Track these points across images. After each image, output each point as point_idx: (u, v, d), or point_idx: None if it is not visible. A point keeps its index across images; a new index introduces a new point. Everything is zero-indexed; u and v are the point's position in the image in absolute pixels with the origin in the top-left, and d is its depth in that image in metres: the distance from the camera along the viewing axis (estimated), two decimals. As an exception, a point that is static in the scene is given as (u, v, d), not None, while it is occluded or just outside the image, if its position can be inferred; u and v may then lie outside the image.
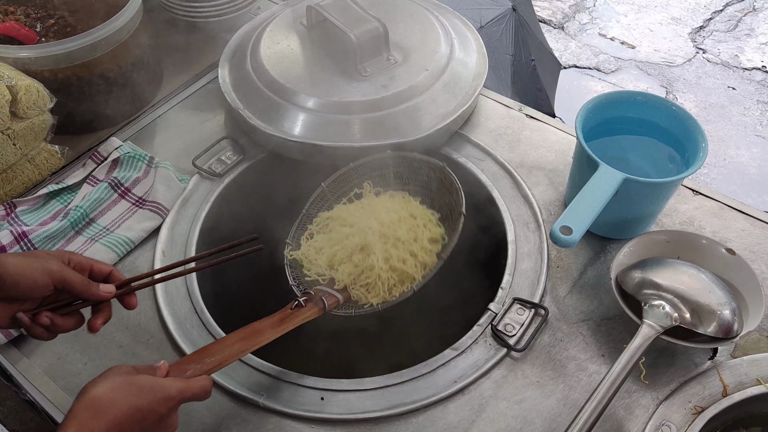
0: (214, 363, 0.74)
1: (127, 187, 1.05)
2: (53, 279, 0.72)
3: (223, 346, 0.77)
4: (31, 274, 0.71)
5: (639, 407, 0.82)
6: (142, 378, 0.67)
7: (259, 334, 0.80)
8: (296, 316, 0.85)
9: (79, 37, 1.07)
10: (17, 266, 0.70)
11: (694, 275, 0.86)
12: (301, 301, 0.87)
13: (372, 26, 1.10)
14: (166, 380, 0.68)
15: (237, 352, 0.77)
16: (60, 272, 0.72)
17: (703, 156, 0.90)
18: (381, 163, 1.05)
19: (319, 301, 0.89)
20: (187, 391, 0.69)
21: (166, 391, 0.66)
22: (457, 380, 0.85)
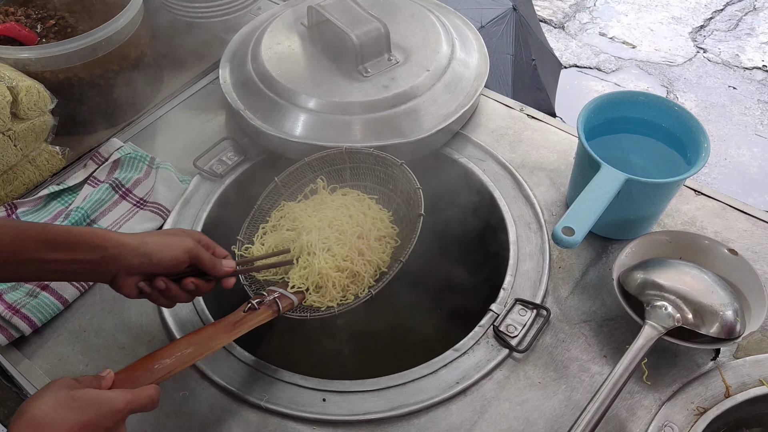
0: (163, 371, 0.72)
1: (128, 188, 1.05)
2: (190, 255, 0.79)
3: (173, 352, 0.74)
4: (174, 252, 0.78)
5: (641, 408, 0.82)
6: (85, 392, 0.63)
7: (211, 339, 0.78)
8: (249, 320, 0.82)
9: (80, 38, 1.07)
10: (162, 245, 0.78)
11: (697, 276, 0.86)
12: (254, 303, 0.84)
13: (373, 26, 1.10)
14: (111, 392, 0.65)
15: (188, 359, 0.75)
16: (195, 250, 0.80)
17: (705, 156, 0.90)
18: (337, 159, 1.02)
19: (272, 303, 0.85)
20: (134, 402, 0.66)
21: (112, 404, 0.64)
22: (459, 381, 0.85)
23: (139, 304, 0.94)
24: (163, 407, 0.83)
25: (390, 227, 0.96)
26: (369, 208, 0.98)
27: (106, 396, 0.64)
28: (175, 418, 0.83)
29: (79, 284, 0.94)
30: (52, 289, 0.93)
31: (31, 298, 0.92)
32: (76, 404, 0.62)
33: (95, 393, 0.64)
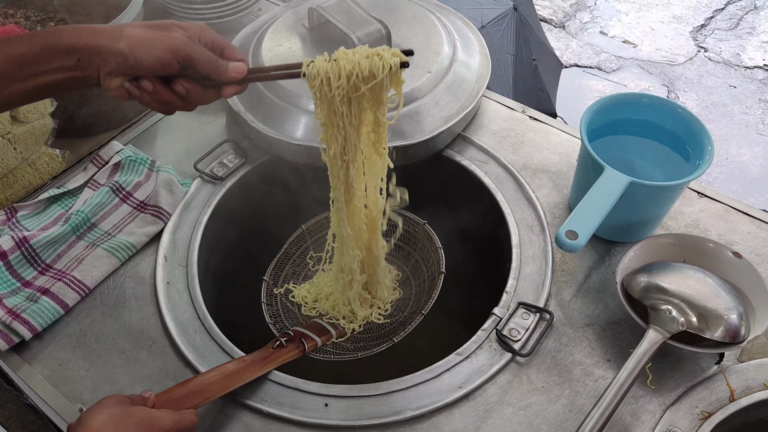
0: (199, 398, 0.77)
1: (129, 191, 1.05)
2: (176, 56, 0.68)
3: (209, 384, 0.79)
4: (154, 50, 0.67)
5: (646, 413, 0.81)
6: (139, 410, 0.68)
7: (244, 372, 0.82)
8: (278, 356, 0.87)
9: (80, 41, 1.06)
10: (138, 42, 0.66)
11: (701, 279, 0.85)
12: (283, 341, 0.89)
13: (374, 28, 1.10)
14: (162, 412, 0.69)
15: (221, 390, 0.80)
16: (185, 49, 0.68)
17: (709, 159, 0.89)
18: None
19: (299, 342, 0.90)
20: (180, 423, 0.70)
21: (163, 424, 0.68)
22: (461, 385, 0.84)
23: (140, 309, 0.94)
24: (164, 412, 0.83)
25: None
26: None
27: (157, 415, 0.68)
28: (177, 424, 0.82)
29: (79, 288, 0.94)
30: (53, 293, 0.92)
31: (31, 303, 0.91)
32: (132, 421, 0.66)
33: (148, 411, 0.68)
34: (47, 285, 0.94)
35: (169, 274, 0.97)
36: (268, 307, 0.99)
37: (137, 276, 0.98)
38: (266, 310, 0.98)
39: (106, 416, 0.66)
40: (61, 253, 0.98)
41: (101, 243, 0.99)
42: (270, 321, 0.97)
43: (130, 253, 0.99)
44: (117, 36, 0.66)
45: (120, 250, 0.98)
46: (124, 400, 0.69)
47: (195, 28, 0.71)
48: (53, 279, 0.95)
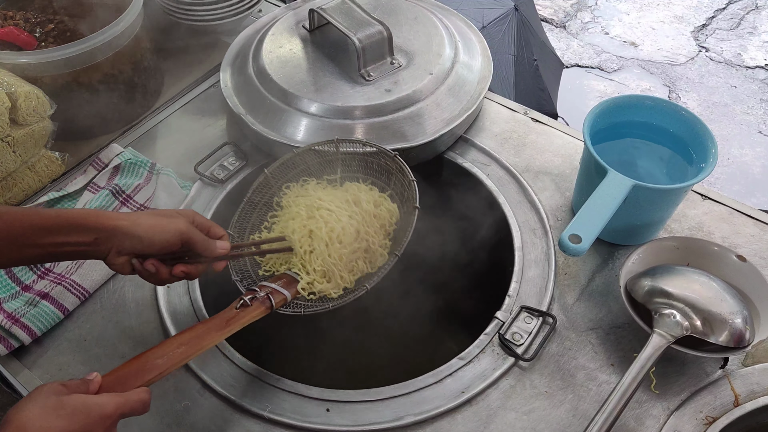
0: (154, 372, 0.70)
1: (129, 194, 1.04)
2: (182, 238, 0.78)
3: (164, 353, 0.72)
4: (165, 235, 0.77)
5: (650, 417, 0.81)
6: (74, 398, 0.62)
7: (203, 338, 0.76)
8: (242, 317, 0.79)
9: (79, 42, 1.06)
10: (153, 227, 0.77)
11: (705, 283, 0.84)
12: (247, 299, 0.81)
13: (375, 30, 1.09)
14: (101, 397, 0.63)
15: (179, 359, 0.72)
16: (187, 233, 0.78)
17: (713, 162, 0.89)
18: (328, 150, 0.99)
19: (265, 299, 0.82)
20: (125, 406, 0.64)
21: (102, 410, 0.62)
22: (464, 390, 0.84)
23: (140, 313, 0.93)
24: (163, 418, 0.82)
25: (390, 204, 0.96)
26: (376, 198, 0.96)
27: (94, 401, 0.62)
28: (177, 429, 0.82)
29: (79, 293, 0.93)
30: (52, 298, 0.92)
31: (30, 307, 0.91)
32: (65, 411, 0.60)
33: (83, 398, 0.62)
34: (47, 289, 0.93)
35: (169, 278, 0.96)
36: (233, 263, 0.91)
37: (137, 280, 0.96)
38: (231, 266, 0.90)
39: (34, 409, 0.59)
40: (61, 256, 0.97)
41: (101, 246, 0.98)
42: (236, 278, 0.90)
43: (130, 257, 0.98)
44: (134, 222, 0.77)
45: (120, 254, 0.97)
46: (58, 389, 0.62)
47: (190, 214, 0.82)
48: (53, 283, 0.94)
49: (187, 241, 0.79)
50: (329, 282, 0.88)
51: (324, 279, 0.88)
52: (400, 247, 0.86)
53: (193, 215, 0.82)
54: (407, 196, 0.92)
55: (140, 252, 0.77)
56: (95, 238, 0.75)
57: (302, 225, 0.91)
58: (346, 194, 0.95)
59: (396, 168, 0.95)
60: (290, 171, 1.00)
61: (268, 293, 0.83)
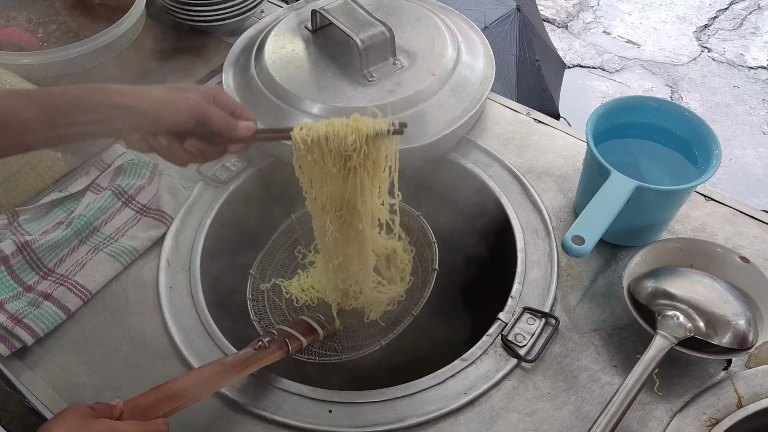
0: (171, 406, 0.72)
1: (131, 194, 1.04)
2: (193, 114, 0.75)
3: (183, 388, 0.74)
4: (174, 110, 0.74)
5: (653, 419, 0.81)
6: (101, 423, 0.65)
7: (221, 377, 0.77)
8: (259, 359, 0.81)
9: (82, 43, 1.06)
10: (160, 104, 0.74)
11: (709, 285, 0.84)
12: (265, 341, 0.84)
13: (378, 30, 1.09)
14: (125, 425, 0.66)
15: (197, 396, 0.74)
16: (201, 108, 0.75)
17: (716, 163, 0.89)
18: None
19: (282, 343, 0.85)
20: None
21: None
22: (467, 392, 0.84)
23: (143, 314, 0.93)
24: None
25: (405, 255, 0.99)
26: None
27: (120, 428, 0.65)
28: (178, 430, 0.82)
29: (81, 293, 0.93)
30: (55, 298, 0.92)
31: (33, 308, 0.91)
32: None
33: (111, 424, 0.65)
34: (49, 290, 0.93)
35: (171, 279, 0.97)
36: (253, 303, 0.95)
37: (140, 280, 0.97)
38: (251, 306, 0.95)
39: (64, 430, 0.62)
40: (63, 257, 0.98)
41: (103, 247, 0.98)
42: (255, 318, 0.93)
43: (132, 258, 0.98)
44: (140, 98, 0.73)
45: (122, 255, 0.98)
46: (86, 412, 0.66)
47: (210, 91, 0.78)
48: (55, 284, 0.94)
49: (202, 117, 0.75)
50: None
51: None
52: (417, 306, 0.89)
53: (215, 92, 0.78)
54: (426, 256, 0.95)
55: (151, 129, 0.75)
56: (104, 115, 0.72)
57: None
58: None
59: (417, 227, 0.98)
60: None
61: (285, 337, 0.86)
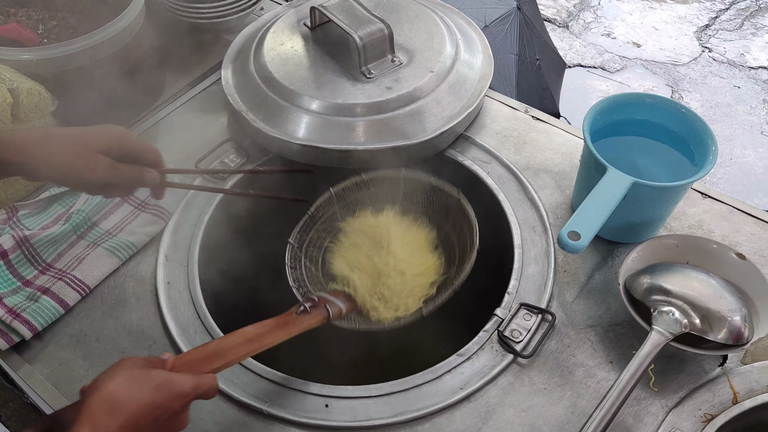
0: (220, 361, 0.73)
1: (130, 190, 1.04)
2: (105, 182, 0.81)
3: (229, 347, 0.75)
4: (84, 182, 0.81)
5: (648, 415, 0.81)
6: (157, 373, 0.65)
7: (264, 336, 0.78)
8: (301, 322, 0.83)
9: (81, 39, 1.06)
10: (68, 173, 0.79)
11: (705, 281, 0.84)
12: (307, 306, 0.85)
13: (376, 27, 1.09)
14: (180, 376, 0.66)
15: (242, 354, 0.76)
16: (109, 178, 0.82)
17: (713, 160, 0.89)
18: (393, 180, 1.04)
19: (323, 309, 0.86)
20: (200, 388, 0.67)
21: (181, 387, 0.65)
22: (463, 387, 0.84)
23: (141, 308, 0.93)
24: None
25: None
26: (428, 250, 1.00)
27: (175, 379, 0.65)
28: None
29: (80, 288, 0.94)
30: (53, 293, 0.92)
31: (31, 302, 0.91)
32: (151, 384, 0.63)
33: (167, 374, 0.65)
34: (48, 284, 0.94)
35: (169, 274, 0.97)
36: (292, 270, 0.95)
37: (138, 275, 0.97)
38: (290, 273, 0.95)
39: (121, 379, 0.62)
40: (62, 252, 0.98)
41: (102, 242, 0.99)
42: (294, 285, 0.93)
43: (130, 253, 0.99)
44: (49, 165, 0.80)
45: (121, 250, 0.98)
46: (142, 362, 0.66)
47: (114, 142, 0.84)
48: (54, 278, 0.95)
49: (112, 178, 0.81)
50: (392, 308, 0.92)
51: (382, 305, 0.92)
52: (458, 281, 0.90)
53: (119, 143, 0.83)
54: (465, 233, 0.96)
55: None
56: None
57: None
58: None
59: (457, 207, 0.98)
60: (354, 194, 1.04)
61: (326, 304, 0.87)
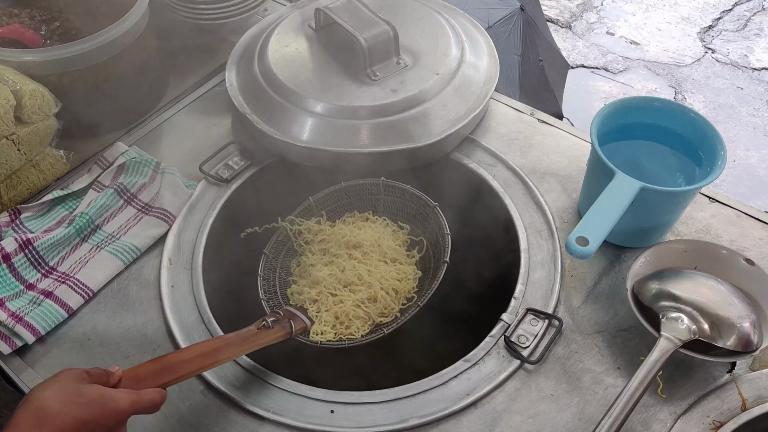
0: (170, 377, 0.72)
1: (134, 193, 1.04)
2: None
3: (181, 361, 0.74)
4: None
5: (656, 422, 0.80)
6: (92, 389, 0.64)
7: (221, 351, 0.78)
8: (261, 337, 0.82)
9: (85, 41, 1.05)
10: None
11: (713, 287, 0.84)
12: (269, 321, 0.84)
13: (382, 29, 1.09)
14: (117, 392, 0.66)
15: (196, 368, 0.75)
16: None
17: (722, 164, 0.88)
18: (372, 189, 1.05)
19: (286, 324, 0.86)
20: (138, 404, 0.67)
21: (117, 404, 0.65)
22: (469, 393, 0.83)
23: (144, 313, 0.93)
24: (167, 417, 0.82)
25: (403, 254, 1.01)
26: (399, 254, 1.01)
27: (111, 395, 0.65)
28: (180, 429, 0.81)
29: (83, 291, 0.93)
30: (56, 296, 0.92)
31: (34, 306, 0.90)
32: (82, 400, 0.63)
33: (102, 390, 0.65)
34: (51, 288, 0.93)
35: (173, 278, 0.96)
36: (264, 282, 0.96)
37: (142, 279, 0.97)
38: (261, 284, 0.96)
39: (53, 392, 0.63)
40: (65, 255, 0.97)
41: (105, 245, 0.98)
42: (263, 297, 0.94)
43: (134, 256, 0.98)
44: None
45: (124, 253, 0.97)
46: (81, 376, 0.65)
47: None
48: (57, 282, 0.94)
49: None
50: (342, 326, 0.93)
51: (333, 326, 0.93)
52: (423, 298, 0.90)
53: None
54: (440, 247, 0.96)
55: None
56: None
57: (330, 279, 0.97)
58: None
59: (434, 218, 0.99)
60: (334, 202, 1.07)
61: (290, 319, 0.87)
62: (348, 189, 1.05)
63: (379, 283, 0.95)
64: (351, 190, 1.06)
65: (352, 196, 1.06)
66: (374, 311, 0.93)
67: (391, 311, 0.94)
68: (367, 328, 0.92)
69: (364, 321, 0.93)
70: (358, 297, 0.94)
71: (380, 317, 0.93)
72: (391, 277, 0.96)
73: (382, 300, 0.94)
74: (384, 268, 0.97)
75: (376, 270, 0.96)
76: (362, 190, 1.06)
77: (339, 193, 1.06)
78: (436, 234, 0.99)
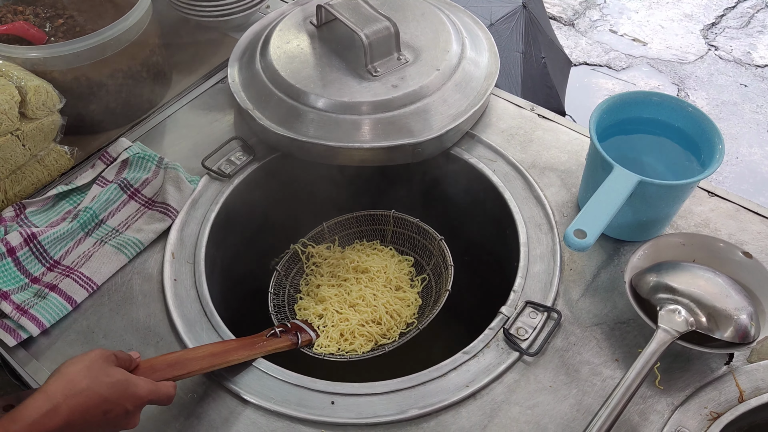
0: (182, 371, 0.78)
1: (137, 188, 1.05)
2: None
3: (193, 358, 0.80)
4: None
5: (654, 413, 0.81)
6: (118, 371, 0.69)
7: (230, 353, 0.84)
8: (268, 345, 0.89)
9: (89, 37, 1.06)
10: None
11: (711, 279, 0.84)
12: (277, 331, 0.91)
13: (383, 25, 1.09)
14: (139, 380, 0.71)
15: (205, 366, 0.80)
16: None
17: (719, 158, 0.89)
18: (383, 220, 1.11)
19: (293, 335, 0.93)
20: (155, 393, 0.72)
21: (137, 390, 0.70)
22: (468, 384, 0.84)
23: (147, 305, 0.94)
24: (171, 408, 0.83)
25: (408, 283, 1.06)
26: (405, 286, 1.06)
27: (133, 381, 0.70)
28: (183, 419, 0.82)
29: (87, 285, 0.94)
30: (61, 289, 0.93)
31: (39, 299, 0.91)
32: (108, 380, 0.68)
33: (126, 375, 0.70)
34: (55, 281, 0.94)
35: (176, 271, 0.97)
36: (274, 297, 1.02)
37: (145, 273, 0.98)
38: (271, 299, 1.01)
39: (83, 367, 0.67)
40: (69, 249, 0.98)
41: (109, 240, 0.99)
42: (273, 311, 0.99)
43: (137, 250, 0.99)
44: None
45: (128, 247, 0.98)
46: (109, 357, 0.70)
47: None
48: (61, 275, 0.95)
49: None
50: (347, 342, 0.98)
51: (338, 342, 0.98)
52: (424, 322, 0.95)
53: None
54: (442, 278, 1.01)
55: None
56: None
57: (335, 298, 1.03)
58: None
59: (438, 251, 1.03)
60: (345, 229, 1.12)
61: (297, 331, 0.94)
62: (359, 218, 1.12)
63: (384, 307, 0.99)
64: (362, 219, 1.12)
65: (363, 225, 1.12)
66: (377, 332, 0.98)
67: (392, 334, 0.98)
68: (369, 347, 0.97)
69: (367, 339, 0.97)
70: (363, 317, 0.99)
71: (382, 338, 0.98)
72: (395, 303, 1.01)
73: (386, 323, 0.98)
74: (389, 294, 1.02)
75: (381, 295, 1.01)
76: (373, 219, 1.12)
77: (351, 221, 1.12)
78: (439, 264, 1.03)
